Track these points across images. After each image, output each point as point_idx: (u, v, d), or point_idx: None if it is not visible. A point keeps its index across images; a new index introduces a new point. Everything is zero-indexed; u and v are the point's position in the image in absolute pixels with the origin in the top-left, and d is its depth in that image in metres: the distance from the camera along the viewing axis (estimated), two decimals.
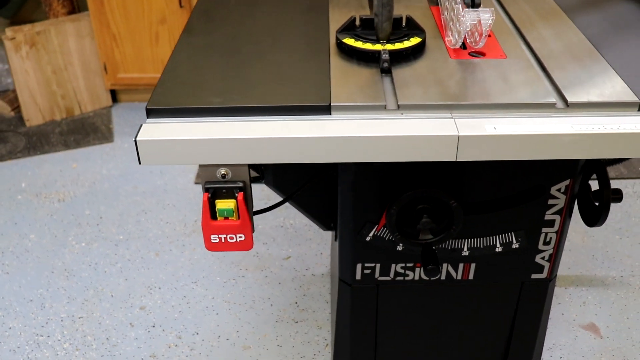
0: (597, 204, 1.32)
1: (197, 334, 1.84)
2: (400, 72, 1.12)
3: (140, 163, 1.01)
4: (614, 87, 1.06)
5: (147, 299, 1.97)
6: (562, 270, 2.02)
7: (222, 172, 1.04)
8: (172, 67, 1.17)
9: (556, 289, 1.95)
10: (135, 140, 1.00)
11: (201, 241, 2.21)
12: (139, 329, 1.86)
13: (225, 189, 1.04)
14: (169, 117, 1.04)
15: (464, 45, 1.21)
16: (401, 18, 1.21)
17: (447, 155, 0.99)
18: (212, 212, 1.05)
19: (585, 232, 2.18)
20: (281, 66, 1.16)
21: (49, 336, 1.84)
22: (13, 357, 1.78)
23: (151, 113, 1.05)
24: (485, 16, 1.08)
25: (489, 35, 1.26)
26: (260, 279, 2.04)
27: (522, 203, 1.26)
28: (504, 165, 1.21)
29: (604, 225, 2.25)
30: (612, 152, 0.99)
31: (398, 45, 1.16)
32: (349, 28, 1.23)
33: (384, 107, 1.03)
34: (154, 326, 1.87)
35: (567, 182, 1.24)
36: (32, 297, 1.98)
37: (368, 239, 1.31)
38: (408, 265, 1.35)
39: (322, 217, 1.44)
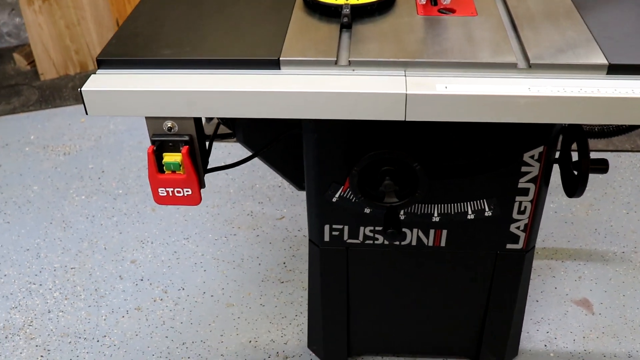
0: (576, 173, 1.26)
1: (183, 289, 1.86)
2: (361, 28, 1.08)
3: (87, 114, 1.00)
4: (585, 49, 0.99)
5: (138, 253, 1.99)
6: (560, 243, 1.95)
7: (169, 125, 1.02)
8: (132, 18, 1.15)
9: (552, 262, 1.89)
10: (80, 91, 0.99)
11: None
12: (128, 281, 1.89)
13: (172, 142, 1.03)
14: (120, 69, 1.02)
15: (435, 2, 1.15)
16: None
17: (395, 114, 0.95)
18: (159, 165, 1.04)
19: (590, 204, 2.10)
20: (240, 19, 1.12)
21: (40, 284, 1.89)
22: (5, 303, 1.83)
23: (102, 64, 1.03)
24: None
25: None
26: (252, 238, 2.03)
27: (493, 169, 1.21)
28: (473, 129, 1.16)
29: (612, 198, 2.16)
30: (571, 118, 0.93)
31: (362, 0, 1.11)
32: None
33: (335, 63, 0.99)
34: (142, 280, 1.90)
35: (540, 149, 1.18)
36: (28, 247, 2.03)
37: (334, 200, 1.28)
38: (377, 228, 1.32)
39: (294, 176, 1.42)
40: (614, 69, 0.95)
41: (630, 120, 0.93)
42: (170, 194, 1.05)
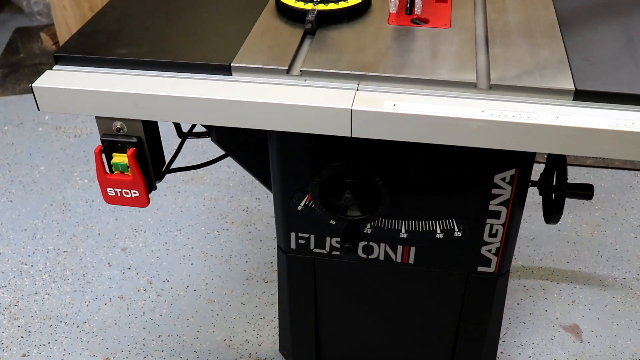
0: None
1: (168, 281, 1.86)
2: (326, 35, 1.03)
3: (38, 109, 1.00)
4: (554, 72, 0.93)
5: (130, 241, 2.00)
6: (559, 264, 1.87)
7: (117, 126, 1.00)
8: (101, 14, 1.14)
9: (546, 283, 1.82)
10: (31, 86, 0.98)
11: (195, 189, 2.21)
12: (115, 269, 1.91)
13: (121, 143, 1.01)
14: (75, 66, 1.01)
15: (410, 11, 1.10)
16: None
17: (341, 129, 0.91)
18: (109, 164, 1.03)
19: (597, 225, 2.00)
20: (207, 20, 1.09)
21: (32, 266, 1.92)
22: None
23: (59, 60, 1.02)
24: None
25: (445, 1, 1.13)
26: (243, 234, 2.02)
27: (461, 189, 1.15)
28: (441, 147, 1.11)
29: (622, 219, 2.05)
30: (525, 146, 0.87)
31: (332, 6, 1.07)
32: None
33: (286, 72, 0.95)
34: (129, 268, 1.91)
35: (512, 171, 1.12)
36: (26, 227, 2.06)
37: (299, 208, 1.24)
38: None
39: (266, 178, 1.38)
40: (581, 95, 0.89)
41: (589, 152, 0.86)
42: (119, 194, 1.04)
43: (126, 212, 2.12)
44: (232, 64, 0.96)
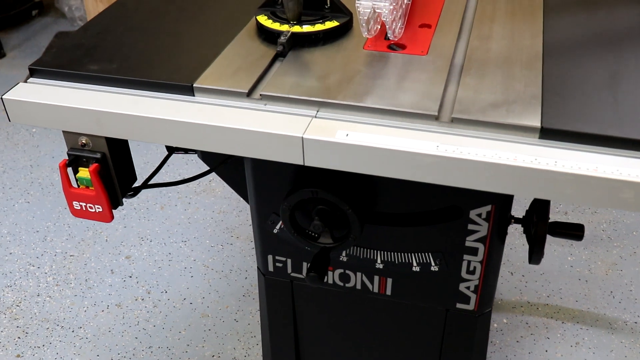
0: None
1: (166, 292, 1.87)
2: (297, 58, 1.01)
3: (9, 120, 1.01)
4: (523, 107, 0.88)
5: (135, 249, 2.02)
6: (567, 302, 1.78)
7: (83, 141, 1.01)
8: (82, 29, 1.15)
9: (551, 322, 1.73)
10: (1, 98, 1.00)
11: (206, 202, 2.22)
12: (117, 276, 1.93)
13: (86, 158, 1.02)
14: (48, 79, 1.03)
15: (388, 36, 1.06)
16: None
17: (294, 157, 0.88)
18: (76, 178, 1.03)
19: (614, 263, 1.90)
20: (183, 39, 1.09)
21: (38, 267, 1.97)
22: (2, 281, 1.92)
23: (34, 73, 1.04)
24: (381, 4, 0.93)
25: (429, 27, 1.10)
26: (247, 249, 2.01)
27: (435, 223, 1.11)
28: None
29: (638, 258, 1.94)
30: (478, 185, 0.83)
31: (308, 28, 1.05)
32: (272, 3, 1.13)
33: (247, 95, 0.94)
34: (130, 277, 1.92)
35: (488, 207, 1.06)
36: (39, 229, 2.11)
37: (275, 231, 1.22)
38: None
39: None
40: (548, 134, 0.84)
41: (549, 196, 0.81)
42: (84, 208, 1.04)
43: (135, 220, 2.14)
44: (194, 85, 0.95)
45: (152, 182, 1.28)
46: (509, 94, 0.91)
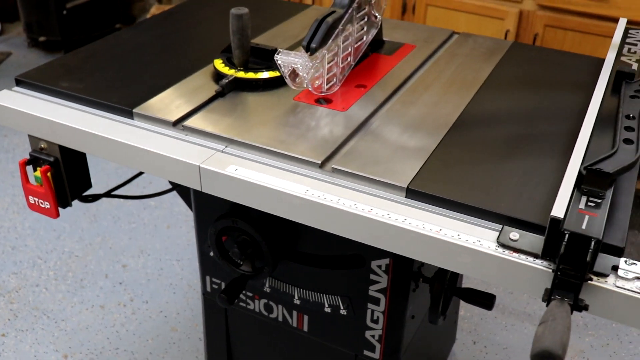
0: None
1: (147, 302, 2.00)
2: (234, 99, 1.14)
3: None
4: (401, 167, 0.96)
5: (132, 260, 2.18)
6: None
7: (42, 145, 1.17)
8: (74, 52, 1.32)
9: None
10: None
11: None
12: (109, 281, 2.09)
13: (42, 160, 1.18)
14: (30, 90, 1.20)
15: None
16: (275, 50, 1.21)
17: (194, 183, 1.00)
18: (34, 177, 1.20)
19: (581, 351, 1.86)
20: (151, 70, 1.24)
21: (45, 261, 2.16)
22: (12, 267, 2.13)
23: (19, 83, 1.22)
24: (296, 60, 1.05)
25: (364, 87, 1.20)
26: None
27: (340, 268, 1.18)
28: None
29: (610, 352, 1.86)
30: (336, 230, 0.91)
31: (250, 75, 1.18)
32: (231, 49, 1.27)
33: (172, 125, 1.07)
34: (120, 283, 2.08)
35: (387, 260, 1.13)
36: (56, 228, 2.33)
37: (212, 254, 1.33)
38: (248, 294, 1.34)
39: None
40: (412, 194, 0.91)
41: (413, 255, 0.88)
42: (37, 203, 1.20)
43: (142, 234, 2.31)
44: (133, 110, 1.09)
45: (115, 193, 1.43)
46: (396, 155, 0.99)
